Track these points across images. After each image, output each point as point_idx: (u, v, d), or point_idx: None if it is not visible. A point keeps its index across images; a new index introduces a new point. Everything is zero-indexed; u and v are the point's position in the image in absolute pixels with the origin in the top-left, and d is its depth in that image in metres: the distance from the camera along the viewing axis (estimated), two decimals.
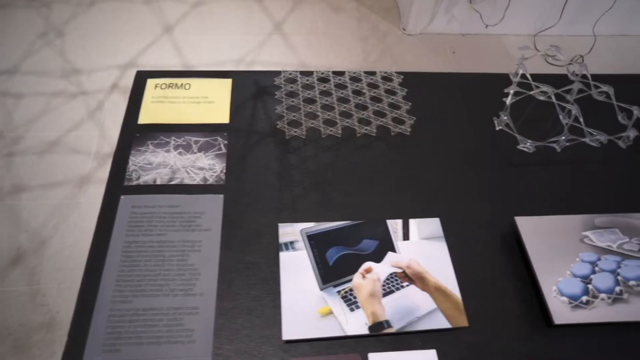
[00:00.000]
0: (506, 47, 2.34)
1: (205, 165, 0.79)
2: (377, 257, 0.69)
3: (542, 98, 0.79)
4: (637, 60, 2.30)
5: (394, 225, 0.72)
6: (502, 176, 0.82)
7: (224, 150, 0.81)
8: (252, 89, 0.90)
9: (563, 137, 0.76)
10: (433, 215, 0.76)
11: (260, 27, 2.34)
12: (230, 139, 0.83)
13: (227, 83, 0.90)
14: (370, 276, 0.67)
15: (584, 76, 0.83)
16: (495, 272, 0.71)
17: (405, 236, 0.71)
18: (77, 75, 1.98)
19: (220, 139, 0.83)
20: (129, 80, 1.69)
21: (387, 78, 0.89)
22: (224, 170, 0.78)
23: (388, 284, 0.67)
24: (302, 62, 2.20)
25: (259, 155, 0.81)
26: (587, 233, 0.75)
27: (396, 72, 0.89)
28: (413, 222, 0.73)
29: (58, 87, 1.92)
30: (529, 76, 0.81)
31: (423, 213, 0.76)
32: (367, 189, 0.78)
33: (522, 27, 2.35)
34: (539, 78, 0.87)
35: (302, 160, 0.81)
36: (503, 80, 0.85)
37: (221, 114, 0.86)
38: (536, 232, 0.74)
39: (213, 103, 0.87)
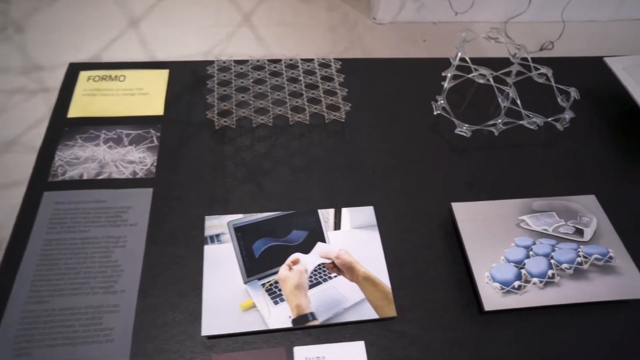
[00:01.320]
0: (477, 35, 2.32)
1: (135, 158, 0.77)
2: (306, 248, 0.67)
3: (481, 81, 0.78)
4: (605, 45, 2.29)
5: (326, 215, 0.71)
6: (441, 162, 0.80)
7: (156, 142, 0.79)
8: (189, 79, 0.87)
9: (499, 120, 0.74)
10: (368, 203, 0.74)
11: (229, 19, 2.30)
12: (163, 131, 0.80)
13: (164, 74, 0.88)
14: (297, 268, 0.65)
15: (524, 59, 0.82)
16: (431, 260, 0.70)
17: (337, 226, 0.70)
18: (38, 72, 1.94)
19: (153, 131, 0.80)
20: None
21: (324, 64, 0.87)
22: (155, 164, 0.76)
23: (315, 275, 0.65)
24: (271, 54, 2.17)
25: (193, 147, 0.79)
26: (524, 217, 0.73)
27: (335, 59, 0.87)
28: (346, 211, 0.71)
29: (18, 84, 1.87)
30: (468, 59, 0.79)
31: (358, 201, 0.74)
32: (303, 179, 0.77)
33: (493, 14, 2.34)
34: (488, 62, 0.85)
35: (237, 151, 0.79)
36: (445, 64, 0.83)
37: (155, 106, 0.83)
38: (473, 217, 0.72)
39: (148, 95, 0.85)
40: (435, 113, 0.77)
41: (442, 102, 0.75)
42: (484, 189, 0.78)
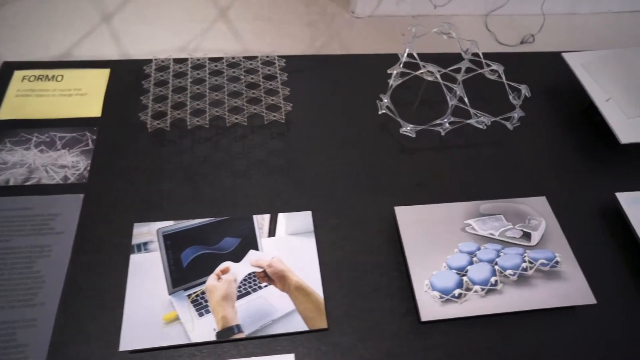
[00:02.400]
0: (458, 28, 2.29)
1: (68, 163, 0.73)
2: (238, 256, 0.64)
3: (429, 78, 0.74)
4: (587, 38, 2.26)
5: (261, 221, 0.68)
6: (387, 163, 0.77)
7: (91, 146, 0.75)
8: (131, 78, 0.84)
9: (445, 120, 0.71)
10: (309, 207, 0.71)
11: (205, 13, 2.26)
12: (100, 134, 0.77)
13: (104, 74, 0.84)
14: (226, 277, 0.62)
15: (475, 54, 0.79)
16: (371, 267, 0.67)
17: (272, 232, 0.67)
18: None
19: (88, 134, 0.77)
20: None
21: (268, 62, 0.83)
22: (89, 168, 0.73)
23: (245, 285, 0.62)
24: (246, 50, 2.13)
25: (129, 151, 0.76)
26: (470, 221, 0.71)
27: (279, 56, 0.84)
28: (282, 217, 0.68)
29: None
30: (415, 55, 0.76)
31: (298, 206, 0.71)
32: (242, 183, 0.73)
33: (473, 8, 2.31)
34: (447, 58, 0.82)
35: (176, 154, 0.76)
36: (395, 60, 0.80)
37: (93, 107, 0.80)
38: (416, 222, 0.70)
39: (86, 95, 0.81)
40: (380, 112, 0.74)
41: (386, 101, 0.72)
42: (433, 191, 0.75)
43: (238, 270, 0.63)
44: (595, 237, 0.73)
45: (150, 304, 0.59)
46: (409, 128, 0.72)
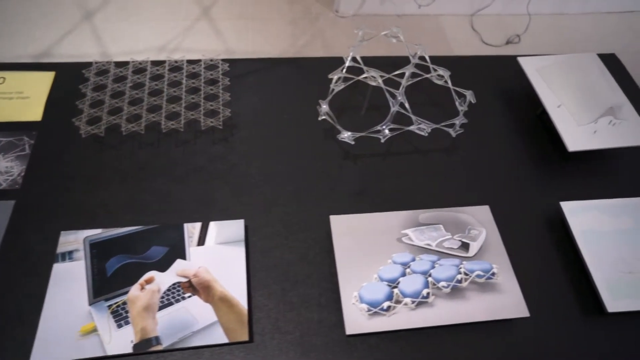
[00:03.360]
0: (443, 28, 2.27)
1: (1, 168, 0.72)
2: (165, 265, 0.63)
3: (373, 84, 0.73)
4: (573, 39, 2.24)
5: (192, 229, 0.67)
6: (329, 170, 0.76)
7: (27, 151, 0.74)
8: (76, 82, 0.83)
9: (384, 127, 0.70)
10: (244, 215, 0.70)
11: (187, 12, 2.24)
12: (38, 139, 0.76)
13: (48, 77, 0.83)
14: (150, 287, 0.61)
15: (422, 59, 0.77)
16: (302, 278, 0.66)
17: (201, 241, 0.66)
18: None
19: (26, 138, 0.76)
20: None
21: (211, 66, 0.82)
22: (23, 174, 0.72)
23: (168, 295, 0.61)
24: (228, 49, 2.11)
25: (67, 156, 0.74)
26: (407, 231, 0.69)
27: (223, 60, 0.82)
28: (213, 225, 0.67)
29: None
30: (359, 59, 0.75)
31: (233, 214, 0.70)
32: (180, 190, 0.72)
33: (459, 7, 2.29)
34: (401, 61, 0.81)
35: (114, 160, 0.74)
36: (342, 63, 0.78)
37: (34, 111, 0.79)
38: (351, 231, 0.68)
39: (28, 99, 0.80)
40: (319, 119, 0.72)
41: (325, 107, 0.70)
42: (375, 199, 0.74)
43: (163, 280, 0.62)
44: (538, 247, 0.71)
45: (68, 316, 0.58)
46: (346, 135, 0.70)
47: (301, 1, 2.33)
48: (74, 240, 0.64)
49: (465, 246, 0.68)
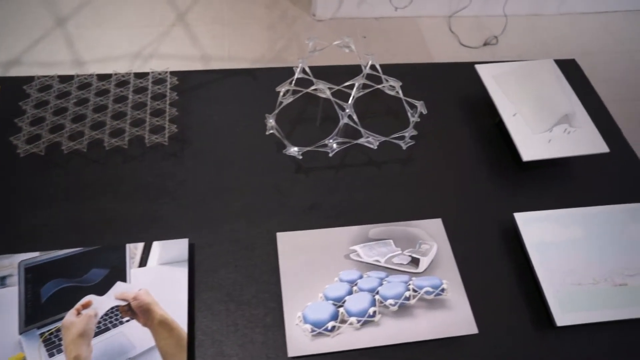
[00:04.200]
0: (421, 30, 2.26)
1: None
2: (104, 288, 0.61)
3: (323, 95, 0.71)
4: (550, 40, 2.24)
5: (134, 250, 0.65)
6: (280, 184, 0.74)
7: None
8: (19, 97, 0.80)
9: (331, 140, 0.68)
10: (190, 233, 0.68)
11: (162, 17, 2.22)
12: None
13: None
14: (87, 312, 0.59)
15: (374, 68, 0.76)
16: (248, 298, 0.64)
17: (143, 262, 0.64)
18: None
19: None
20: None
21: (159, 80, 0.80)
22: None
23: (106, 320, 0.59)
24: (204, 54, 2.10)
25: (6, 175, 0.72)
26: (356, 247, 0.68)
27: (171, 72, 0.81)
28: (156, 245, 0.65)
29: None
30: (308, 70, 0.73)
31: (178, 232, 0.68)
32: (125, 208, 0.70)
33: (437, 9, 2.28)
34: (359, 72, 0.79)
35: (58, 179, 0.72)
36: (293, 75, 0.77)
37: None
38: (298, 249, 0.67)
39: None
40: (267, 133, 0.71)
41: (271, 121, 0.69)
42: (327, 214, 0.73)
43: (101, 304, 0.60)
44: (491, 261, 0.70)
45: None
46: (292, 150, 0.69)
47: (278, 5, 2.32)
48: (8, 264, 0.62)
49: (415, 261, 0.67)
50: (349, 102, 0.69)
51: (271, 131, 0.69)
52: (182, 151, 0.77)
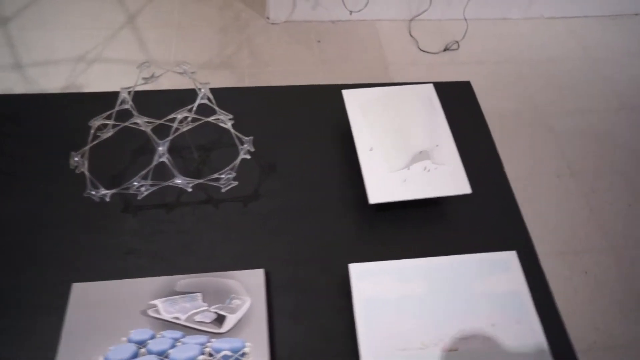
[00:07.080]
0: (378, 34, 2.17)
1: None
2: None
3: (144, 129, 0.64)
4: (514, 45, 2.13)
5: None
6: (96, 226, 0.67)
7: None
8: None
9: (136, 183, 0.61)
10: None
11: (110, 20, 2.15)
12: None
13: None
14: None
15: (209, 99, 0.68)
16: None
17: None
18: None
19: None
20: None
21: None
22: None
23: None
24: (150, 58, 2.03)
25: None
26: (157, 302, 0.61)
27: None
28: None
29: None
30: (130, 103, 0.66)
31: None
32: None
33: (397, 12, 2.19)
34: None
35: None
36: (169, 97, 0.70)
37: None
38: (91, 302, 0.60)
39: None
40: (77, 172, 0.64)
41: (77, 159, 0.62)
42: (144, 261, 0.65)
43: None
44: (319, 319, 0.62)
45: None
46: (94, 192, 0.62)
47: (231, 7, 2.24)
48: None
49: (220, 319, 0.60)
50: (165, 140, 0.62)
51: (81, 169, 0.62)
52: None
